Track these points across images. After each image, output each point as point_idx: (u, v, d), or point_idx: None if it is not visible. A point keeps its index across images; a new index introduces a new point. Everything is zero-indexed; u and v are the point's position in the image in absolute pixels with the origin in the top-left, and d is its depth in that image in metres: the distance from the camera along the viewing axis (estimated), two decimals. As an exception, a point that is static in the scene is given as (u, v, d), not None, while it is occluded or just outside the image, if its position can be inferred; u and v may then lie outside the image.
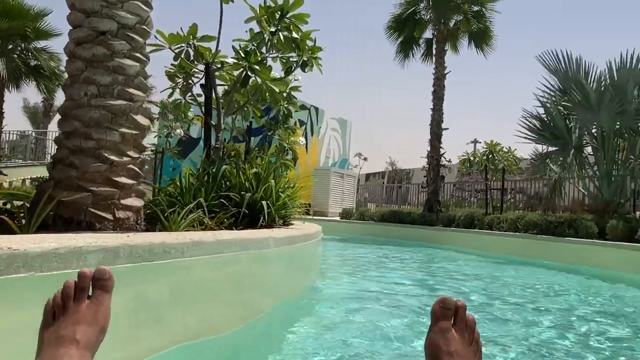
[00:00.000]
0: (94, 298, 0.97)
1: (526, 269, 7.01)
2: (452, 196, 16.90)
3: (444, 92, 12.69)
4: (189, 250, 1.92)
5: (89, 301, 0.96)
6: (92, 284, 0.97)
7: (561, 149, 8.94)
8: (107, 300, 0.98)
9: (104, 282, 0.97)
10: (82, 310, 0.94)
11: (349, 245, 9.88)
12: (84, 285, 0.96)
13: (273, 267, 2.77)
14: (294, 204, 4.26)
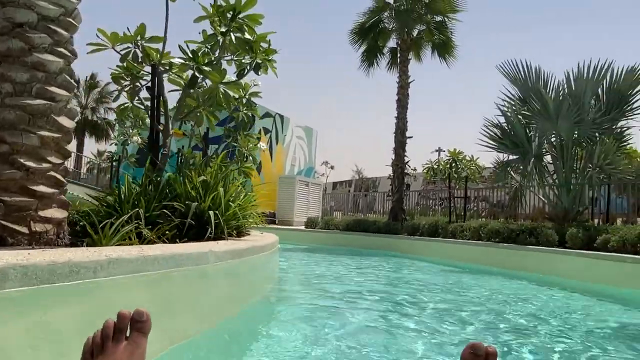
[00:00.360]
0: (131, 340, 0.98)
1: (485, 277, 6.96)
2: (418, 204, 16.96)
3: (407, 100, 12.71)
4: (105, 269, 1.69)
5: (126, 342, 0.97)
6: (129, 326, 0.99)
7: (521, 158, 9.00)
8: (144, 343, 1.00)
9: (142, 324, 0.99)
10: (119, 351, 0.96)
11: (311, 255, 9.68)
12: (122, 327, 0.98)
13: (213, 285, 2.54)
14: (246, 213, 4.03)
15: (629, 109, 8.48)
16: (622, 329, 3.79)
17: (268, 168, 16.79)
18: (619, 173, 8.01)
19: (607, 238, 6.74)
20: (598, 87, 8.62)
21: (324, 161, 33.18)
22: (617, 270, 5.95)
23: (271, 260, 4.32)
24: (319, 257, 9.41)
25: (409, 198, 17.04)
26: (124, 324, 0.98)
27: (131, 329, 0.99)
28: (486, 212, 14.02)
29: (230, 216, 3.72)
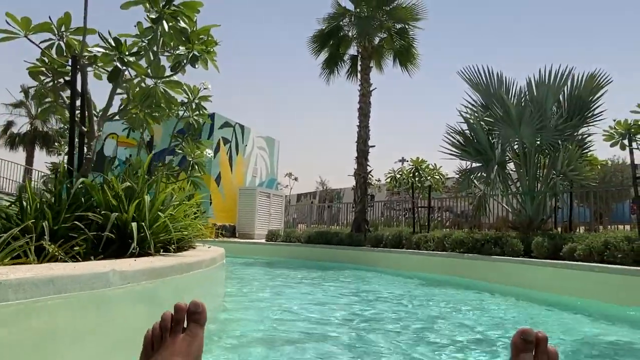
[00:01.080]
0: (188, 330, 1.00)
1: (448, 289, 6.62)
2: (382, 215, 16.69)
3: (369, 108, 12.43)
4: None
5: (184, 334, 1.00)
6: (186, 317, 1.01)
7: (485, 165, 8.79)
8: (201, 333, 1.01)
9: (198, 316, 1.01)
10: (178, 342, 0.99)
11: (267, 270, 9.18)
12: (179, 318, 1.00)
13: (119, 314, 2.04)
14: (182, 225, 3.54)
15: (590, 115, 8.39)
16: (589, 341, 3.47)
17: (228, 179, 16.22)
18: (582, 180, 7.87)
19: (574, 247, 6.52)
20: (559, 93, 8.52)
21: (287, 173, 32.76)
22: (585, 280, 5.71)
23: (212, 279, 3.82)
24: (277, 272, 8.92)
25: (374, 209, 16.77)
26: (181, 315, 1.00)
27: (188, 321, 1.01)
28: (450, 222, 13.83)
29: (160, 228, 3.23)
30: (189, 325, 1.01)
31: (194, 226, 4.15)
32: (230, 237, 15.55)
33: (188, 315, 1.01)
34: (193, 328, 1.01)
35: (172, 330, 1.00)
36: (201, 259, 3.28)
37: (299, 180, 54.93)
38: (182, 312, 1.01)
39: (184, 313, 1.01)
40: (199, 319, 1.02)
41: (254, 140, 17.73)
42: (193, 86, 6.83)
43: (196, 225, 4.52)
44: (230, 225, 15.89)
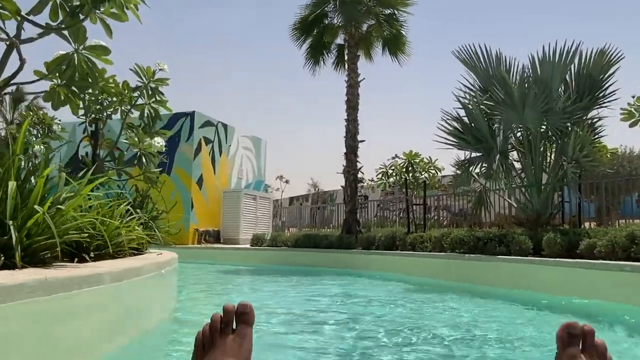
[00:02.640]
0: (237, 331, 1.02)
1: (448, 295, 5.68)
2: (376, 216, 15.76)
3: (358, 101, 11.52)
4: None
5: (233, 335, 1.01)
6: (235, 318, 1.02)
7: (485, 155, 7.88)
8: (250, 333, 1.02)
9: (246, 317, 1.02)
10: (228, 342, 1.00)
11: (241, 279, 8.24)
12: (228, 319, 1.02)
13: None
14: (70, 226, 2.57)
15: (601, 94, 7.49)
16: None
17: (211, 181, 15.25)
18: (598, 166, 6.96)
19: (593, 243, 5.60)
20: (566, 71, 7.62)
21: (278, 175, 31.69)
22: (612, 281, 4.78)
23: (147, 289, 2.88)
24: (256, 279, 7.98)
25: (368, 210, 15.84)
26: (230, 316, 1.02)
27: (237, 321, 1.02)
28: (448, 221, 12.92)
29: (41, 228, 2.27)
30: (238, 325, 1.02)
31: (121, 228, 3.23)
32: (214, 243, 14.59)
33: (237, 316, 1.02)
34: (242, 329, 1.02)
35: (221, 331, 1.01)
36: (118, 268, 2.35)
37: (290, 183, 53.64)
38: (231, 313, 1.02)
39: (233, 314, 1.02)
40: (247, 320, 1.03)
41: (238, 140, 16.78)
42: (146, 67, 5.91)
43: (125, 227, 3.59)
44: (214, 230, 14.92)
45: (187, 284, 6.76)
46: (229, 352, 0.98)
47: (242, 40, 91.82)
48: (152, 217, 5.34)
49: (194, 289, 6.38)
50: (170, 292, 3.84)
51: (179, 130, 14.70)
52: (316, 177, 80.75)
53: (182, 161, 14.56)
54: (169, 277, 3.74)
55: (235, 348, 0.99)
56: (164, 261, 3.55)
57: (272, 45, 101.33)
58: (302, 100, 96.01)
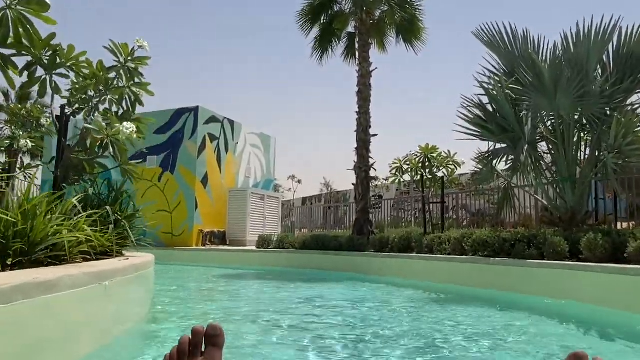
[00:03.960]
0: (206, 354, 0.99)
1: (470, 309, 4.84)
2: (390, 216, 14.93)
3: (370, 92, 10.70)
4: None
5: (202, 357, 0.98)
6: (204, 341, 0.99)
7: (511, 146, 7.02)
8: (219, 356, 1.00)
9: (216, 339, 1.00)
10: None
11: (235, 284, 7.48)
12: (197, 342, 0.99)
13: None
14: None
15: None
16: None
17: (216, 180, 14.55)
18: (645, 156, 6.04)
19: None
20: (604, 51, 6.72)
21: (290, 175, 30.89)
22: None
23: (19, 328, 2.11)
24: (254, 284, 7.22)
25: (382, 210, 15.01)
26: (198, 339, 0.99)
27: (206, 344, 1.00)
28: (467, 221, 12.02)
29: None
30: (207, 348, 0.99)
31: (38, 228, 2.50)
32: (219, 244, 13.87)
33: (206, 339, 1.00)
34: (211, 351, 0.99)
35: (190, 354, 0.98)
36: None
37: (302, 182, 52.42)
38: (200, 335, 0.99)
39: (202, 336, 0.99)
40: (217, 342, 1.00)
41: (246, 137, 16.06)
42: (121, 44, 5.19)
43: (79, 228, 2.89)
44: (220, 232, 14.20)
45: (175, 290, 6.03)
46: None
47: (247, 32, 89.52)
48: (126, 216, 4.61)
49: (175, 297, 5.64)
50: (126, 307, 3.08)
51: (183, 127, 14.03)
52: (329, 176, 79.35)
53: (186, 159, 13.89)
54: (125, 288, 2.99)
55: None
56: (114, 269, 2.80)
57: (278, 38, 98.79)
58: (311, 96, 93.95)
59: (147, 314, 3.81)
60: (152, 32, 73.70)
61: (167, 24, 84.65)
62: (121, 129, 4.21)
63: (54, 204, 3.35)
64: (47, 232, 2.72)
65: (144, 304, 3.63)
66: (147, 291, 3.92)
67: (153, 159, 14.23)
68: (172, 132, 14.14)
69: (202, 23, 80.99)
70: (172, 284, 6.96)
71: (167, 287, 6.22)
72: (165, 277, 7.62)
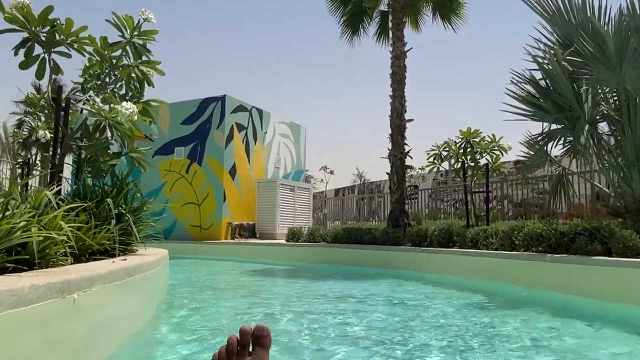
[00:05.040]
0: (254, 354, 1.00)
1: (529, 313, 4.10)
2: (428, 207, 14.14)
3: (405, 73, 9.94)
4: None
5: (250, 357, 1.00)
6: (252, 341, 1.01)
7: (569, 126, 6.17)
8: (266, 357, 1.01)
9: (263, 339, 1.01)
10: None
11: (256, 283, 6.90)
12: (245, 342, 1.01)
13: None
14: None
15: None
16: None
17: (245, 171, 14.07)
18: None
19: None
20: (680, 14, 5.79)
21: (322, 166, 30.15)
22: None
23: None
24: (276, 282, 6.64)
25: (418, 200, 14.26)
26: (246, 339, 1.01)
27: (253, 344, 1.01)
28: (513, 212, 11.15)
29: None
30: (254, 349, 1.01)
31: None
32: (249, 238, 13.41)
33: (253, 339, 1.02)
34: (258, 352, 1.01)
35: (238, 354, 1.00)
36: None
37: (334, 173, 51.40)
38: (248, 335, 1.02)
39: (250, 337, 1.02)
40: (264, 343, 1.02)
41: (275, 126, 15.52)
42: (125, 16, 4.65)
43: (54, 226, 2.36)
44: (249, 224, 13.73)
45: (187, 290, 5.51)
46: None
47: (272, 19, 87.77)
48: (131, 209, 4.09)
49: (186, 299, 5.10)
50: (109, 323, 2.51)
51: (210, 117, 13.59)
52: (362, 166, 78.04)
53: (214, 150, 13.45)
54: (108, 297, 2.43)
55: None
56: (92, 277, 2.23)
57: (305, 23, 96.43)
58: (342, 82, 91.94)
59: (149, 325, 3.26)
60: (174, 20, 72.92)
61: (189, 12, 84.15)
62: (120, 109, 3.65)
63: (30, 198, 2.82)
64: (6, 230, 2.18)
65: (140, 314, 3.07)
66: (148, 296, 3.38)
67: (180, 150, 13.87)
68: (199, 122, 13.72)
69: (224, 10, 79.97)
70: (196, 278, 6.47)
71: (179, 289, 5.72)
72: (183, 272, 7.17)
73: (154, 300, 3.58)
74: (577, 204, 10.00)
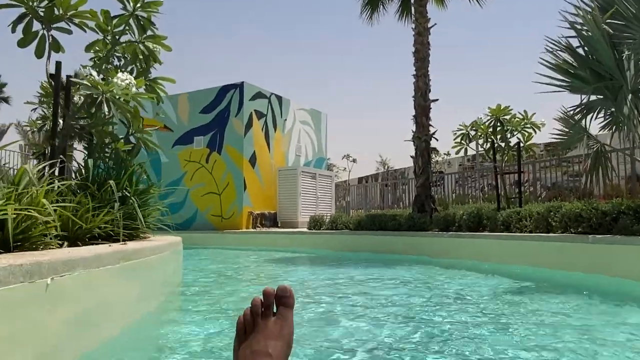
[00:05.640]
0: (278, 314, 1.01)
1: (579, 303, 3.69)
2: (454, 193, 13.66)
3: (428, 51, 9.47)
4: None
5: (274, 318, 1.01)
6: (275, 301, 1.01)
7: (611, 96, 5.66)
8: (290, 316, 1.02)
9: (286, 299, 1.02)
10: (270, 326, 0.99)
11: (272, 269, 6.59)
12: (269, 303, 1.02)
13: None
14: None
15: None
16: None
17: (265, 160, 13.80)
18: None
19: None
20: None
21: (345, 154, 29.71)
22: None
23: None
24: (290, 271, 6.32)
25: (444, 186, 13.79)
26: (270, 300, 1.01)
27: (277, 304, 1.02)
28: (547, 195, 10.61)
29: None
30: (278, 309, 1.02)
31: None
32: (270, 227, 13.16)
33: (277, 299, 1.02)
34: (283, 311, 1.01)
35: (263, 315, 1.01)
36: None
37: (357, 162, 50.36)
38: (271, 296, 1.01)
39: (273, 297, 1.02)
40: (288, 302, 1.02)
41: (295, 113, 15.18)
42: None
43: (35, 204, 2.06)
44: (271, 213, 13.48)
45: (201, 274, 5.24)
46: (271, 335, 0.98)
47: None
48: (136, 191, 3.81)
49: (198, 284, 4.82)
50: (97, 312, 2.21)
51: (228, 105, 13.32)
52: (385, 154, 76.83)
53: (233, 138, 13.20)
54: (95, 283, 2.14)
55: (277, 330, 0.99)
56: (63, 260, 1.93)
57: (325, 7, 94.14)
58: (362, 67, 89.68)
59: (152, 314, 2.98)
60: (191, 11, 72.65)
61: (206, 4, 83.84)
62: (115, 81, 3.36)
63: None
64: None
65: (141, 301, 2.78)
66: (151, 283, 3.10)
67: (200, 139, 13.66)
68: (217, 110, 13.47)
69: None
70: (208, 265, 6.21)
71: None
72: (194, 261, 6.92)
73: (160, 288, 3.29)
74: (615, 184, 9.41)
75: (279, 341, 0.98)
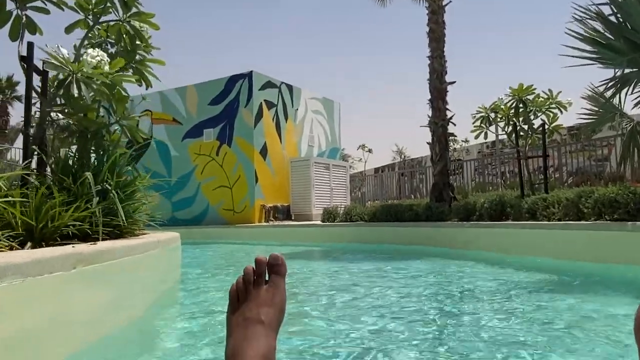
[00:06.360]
0: (270, 282, 1.01)
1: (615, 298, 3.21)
2: (473, 180, 13.12)
3: (444, 30, 8.93)
4: None
5: (266, 285, 1.01)
6: (267, 270, 1.02)
7: (647, 69, 5.11)
8: (282, 284, 1.02)
9: (278, 267, 1.02)
10: (262, 293, 1.00)
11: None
12: (260, 271, 1.02)
13: None
14: None
15: None
16: None
17: (277, 151, 13.41)
18: None
19: None
20: None
21: (360, 145, 29.18)
22: None
23: None
24: (296, 268, 5.92)
25: (463, 174, 13.27)
26: (262, 268, 1.02)
27: (269, 272, 1.02)
28: (574, 180, 10.03)
29: None
30: (270, 277, 1.02)
31: None
32: (284, 220, 12.79)
33: (269, 268, 1.02)
34: (275, 279, 1.02)
35: (255, 283, 1.01)
36: None
37: (373, 152, 49.65)
38: (263, 265, 1.02)
39: (265, 266, 1.02)
40: (280, 270, 1.02)
41: (306, 102, 14.74)
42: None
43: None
44: (284, 206, 13.10)
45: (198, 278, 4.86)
46: (264, 303, 0.98)
47: None
48: (118, 184, 3.43)
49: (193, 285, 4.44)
50: (33, 333, 1.82)
51: (237, 95, 12.94)
52: (401, 143, 75.78)
53: (243, 129, 12.82)
54: (32, 296, 1.75)
55: (269, 298, 0.99)
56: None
57: None
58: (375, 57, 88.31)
59: (123, 329, 2.59)
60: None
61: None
62: (85, 58, 2.96)
63: None
64: None
65: (108, 314, 2.38)
66: (129, 289, 2.70)
67: (210, 132, 13.32)
68: (226, 101, 13.10)
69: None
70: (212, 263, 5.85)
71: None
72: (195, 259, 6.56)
73: (139, 295, 2.90)
74: None
75: (271, 308, 0.98)
